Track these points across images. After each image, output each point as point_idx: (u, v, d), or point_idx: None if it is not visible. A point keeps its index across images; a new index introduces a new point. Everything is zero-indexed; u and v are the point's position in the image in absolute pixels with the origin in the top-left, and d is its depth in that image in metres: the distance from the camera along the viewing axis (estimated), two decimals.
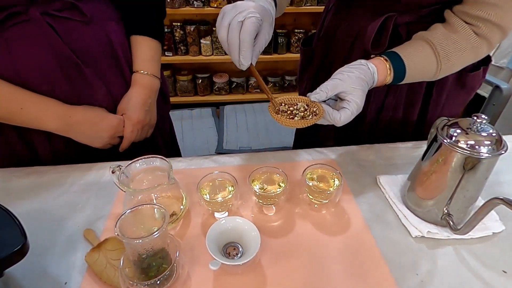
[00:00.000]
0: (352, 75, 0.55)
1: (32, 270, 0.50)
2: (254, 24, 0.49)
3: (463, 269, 0.51)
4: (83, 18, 0.65)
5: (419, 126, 0.84)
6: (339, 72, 0.57)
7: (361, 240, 0.56)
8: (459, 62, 0.62)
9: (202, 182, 0.58)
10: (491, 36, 0.59)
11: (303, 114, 0.56)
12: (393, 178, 0.67)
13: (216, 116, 2.12)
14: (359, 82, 0.55)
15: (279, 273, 0.51)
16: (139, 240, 0.41)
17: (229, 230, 0.51)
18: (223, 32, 0.50)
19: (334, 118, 0.54)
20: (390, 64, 0.60)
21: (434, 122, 0.58)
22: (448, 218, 0.54)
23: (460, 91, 0.78)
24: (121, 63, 0.73)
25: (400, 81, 0.62)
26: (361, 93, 0.55)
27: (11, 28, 0.59)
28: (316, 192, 0.59)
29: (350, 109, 0.54)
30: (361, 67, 0.57)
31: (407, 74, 0.61)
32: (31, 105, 0.63)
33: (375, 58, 0.61)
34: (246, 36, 0.49)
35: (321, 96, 0.54)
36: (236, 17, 0.49)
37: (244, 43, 0.49)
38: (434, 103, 0.79)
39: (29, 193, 0.65)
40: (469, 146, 0.49)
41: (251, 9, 0.49)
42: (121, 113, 0.73)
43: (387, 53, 0.61)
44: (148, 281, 0.44)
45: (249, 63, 0.51)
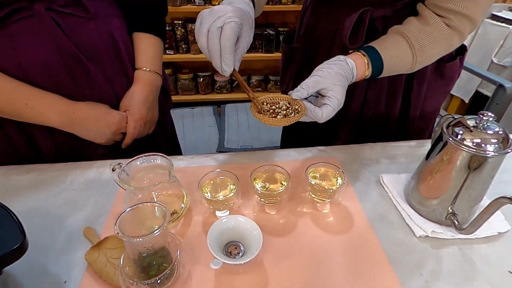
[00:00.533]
0: (331, 71, 0.56)
1: (31, 269, 0.50)
2: (234, 29, 0.48)
3: (468, 269, 0.51)
4: (87, 15, 0.65)
5: (402, 121, 0.85)
6: (319, 69, 0.58)
7: (364, 239, 0.55)
8: (433, 53, 0.64)
9: (203, 180, 0.58)
10: (462, 27, 0.61)
11: (285, 112, 0.56)
12: (397, 177, 0.66)
13: (217, 115, 2.12)
14: (339, 78, 0.56)
15: (281, 272, 0.50)
16: (139, 239, 0.41)
17: (230, 229, 0.51)
18: (202, 39, 0.49)
19: (316, 115, 0.55)
20: (368, 58, 0.61)
21: (439, 121, 0.57)
22: (453, 218, 0.53)
23: (439, 82, 0.80)
24: (124, 60, 0.73)
25: (379, 74, 0.63)
26: (341, 88, 0.56)
27: (15, 23, 0.58)
28: (318, 190, 0.58)
29: (332, 105, 0.55)
30: (340, 63, 0.58)
31: (385, 68, 0.62)
32: (35, 100, 0.62)
33: (353, 54, 0.62)
34: (227, 42, 0.48)
35: (302, 94, 0.55)
36: (215, 23, 0.48)
37: (225, 49, 0.48)
38: (416, 95, 0.80)
39: (28, 190, 0.64)
40: (475, 144, 0.48)
41: (229, 14, 0.48)
42: (124, 109, 0.73)
43: (364, 47, 0.62)
44: (148, 280, 0.43)
45: (231, 69, 0.50)
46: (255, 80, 2.35)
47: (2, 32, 0.58)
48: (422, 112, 0.84)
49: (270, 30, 2.17)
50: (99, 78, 0.69)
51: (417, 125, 0.86)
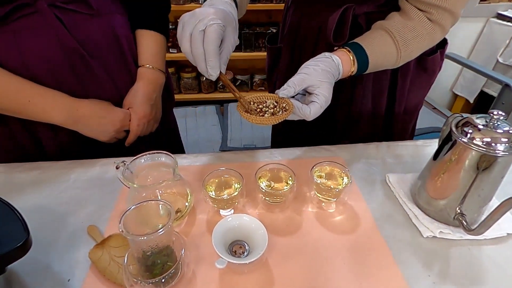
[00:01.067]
0: (317, 69, 0.56)
1: (35, 267, 0.49)
2: (216, 32, 0.46)
3: (477, 270, 0.50)
4: (90, 11, 0.64)
5: (388, 117, 0.85)
6: (305, 66, 0.58)
7: (370, 239, 0.54)
8: (417, 48, 0.64)
9: (207, 179, 0.57)
10: (444, 21, 0.61)
11: (273, 111, 0.56)
12: (403, 177, 0.65)
13: (220, 114, 2.11)
14: (325, 75, 0.56)
15: (286, 272, 0.49)
16: (143, 237, 0.40)
17: (235, 228, 0.50)
18: (185, 43, 0.48)
19: (304, 113, 0.54)
20: (353, 55, 0.61)
21: (447, 120, 0.57)
22: (461, 218, 0.52)
23: (422, 75, 0.80)
24: (127, 57, 0.72)
25: (365, 70, 0.63)
26: (328, 85, 0.56)
27: (18, 20, 0.58)
28: (324, 190, 0.57)
29: (319, 102, 0.54)
30: (326, 59, 0.58)
31: (370, 63, 0.62)
32: (38, 97, 0.62)
33: (339, 50, 0.62)
34: (210, 45, 0.47)
35: (289, 92, 0.55)
36: (197, 26, 0.46)
37: (210, 52, 0.47)
38: (400, 90, 0.80)
39: (32, 188, 0.64)
40: (485, 143, 0.47)
41: (211, 16, 0.47)
42: (127, 107, 0.73)
43: (349, 44, 0.62)
44: (152, 279, 0.43)
45: (217, 73, 0.49)
46: (258, 79, 2.34)
47: (6, 28, 0.58)
48: (406, 107, 0.85)
49: (274, 29, 2.16)
50: (102, 75, 0.68)
51: (402, 119, 0.87)
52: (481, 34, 2.15)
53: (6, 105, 0.62)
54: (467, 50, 2.24)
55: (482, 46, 2.16)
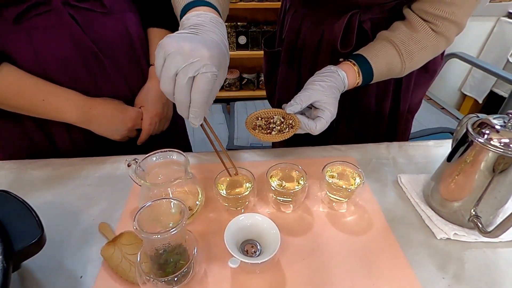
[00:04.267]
0: (324, 84, 0.58)
1: (47, 263, 0.50)
2: (209, 83, 0.40)
3: (493, 273, 0.49)
4: (103, 9, 0.65)
5: (392, 117, 0.85)
6: (311, 82, 0.60)
7: (383, 240, 0.54)
8: (421, 59, 0.65)
9: (218, 177, 0.57)
10: (448, 32, 0.61)
11: (280, 127, 0.58)
12: (415, 177, 0.65)
13: (227, 112, 2.11)
14: (331, 91, 0.58)
15: (298, 272, 0.49)
16: (157, 235, 0.40)
17: (247, 227, 0.50)
18: (167, 85, 0.40)
19: (310, 128, 0.58)
20: (358, 68, 0.62)
21: (461, 120, 0.56)
22: (476, 220, 0.51)
23: (424, 75, 0.81)
24: (139, 55, 0.72)
25: (369, 81, 0.65)
26: (333, 101, 0.58)
27: (33, 18, 0.58)
28: (335, 189, 0.57)
29: (325, 118, 0.57)
30: (332, 74, 0.60)
31: (375, 75, 0.64)
32: (52, 96, 0.63)
33: (344, 63, 0.64)
34: (200, 97, 0.40)
35: (296, 108, 0.57)
36: (185, 69, 0.38)
37: (196, 104, 0.41)
38: (405, 90, 0.81)
39: (43, 185, 0.64)
40: (502, 144, 0.46)
41: (205, 61, 0.39)
42: (139, 106, 0.73)
43: (353, 56, 0.64)
44: (165, 278, 0.43)
45: (201, 122, 0.44)
46: None
47: (20, 27, 0.58)
48: (409, 105, 0.85)
49: None
50: (115, 74, 0.69)
51: (405, 119, 0.87)
52: (491, 33, 2.12)
53: (20, 104, 0.62)
54: (477, 49, 2.21)
55: (492, 46, 2.13)
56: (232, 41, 2.14)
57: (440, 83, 2.29)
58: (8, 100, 0.61)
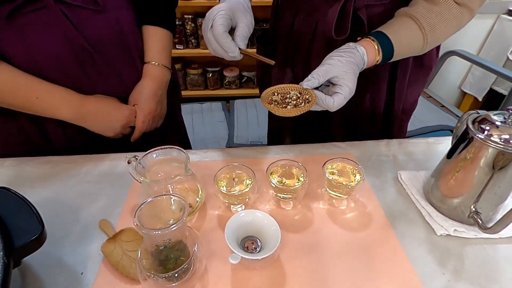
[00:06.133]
0: (342, 59, 0.56)
1: (48, 260, 0.50)
2: (221, 18, 0.53)
3: (492, 269, 0.49)
4: (96, 7, 0.64)
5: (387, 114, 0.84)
6: (329, 57, 0.58)
7: (383, 237, 0.54)
8: (443, 33, 0.62)
9: (219, 174, 0.57)
10: (471, 3, 0.59)
11: (295, 102, 0.56)
12: (415, 174, 0.65)
13: (227, 110, 2.11)
14: (350, 66, 0.56)
15: (298, 269, 0.49)
16: (158, 231, 0.40)
17: (247, 224, 0.50)
18: (210, 48, 0.55)
19: (327, 104, 0.55)
20: (378, 44, 0.60)
21: (461, 117, 0.56)
22: (476, 216, 0.51)
23: (419, 71, 0.79)
24: (133, 53, 0.72)
25: (389, 59, 0.62)
26: (352, 76, 0.56)
27: (26, 15, 0.58)
28: (336, 186, 0.57)
29: (343, 93, 0.55)
30: (351, 50, 0.58)
31: (396, 51, 0.61)
32: (46, 94, 0.63)
33: (363, 40, 0.61)
34: (217, 30, 0.53)
35: (313, 83, 0.55)
36: (207, 26, 0.54)
37: (218, 36, 0.53)
38: (400, 86, 0.79)
39: (43, 182, 0.64)
40: (502, 140, 0.46)
41: (215, 12, 0.54)
42: (133, 103, 0.73)
43: (373, 33, 0.62)
44: (166, 274, 0.43)
45: (236, 50, 0.54)
46: None
47: (13, 24, 0.58)
48: (403, 105, 0.84)
49: None
50: (108, 71, 0.69)
51: (400, 119, 0.85)
52: (491, 31, 2.12)
53: (14, 102, 0.63)
54: (477, 47, 2.21)
55: (492, 43, 2.13)
56: None
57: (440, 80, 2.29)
58: (1, 97, 0.62)
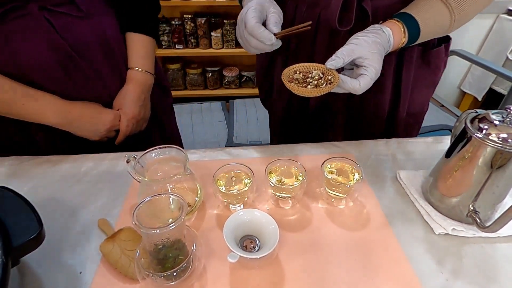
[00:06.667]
0: (368, 39, 0.54)
1: (47, 259, 0.50)
2: (252, 12, 0.53)
3: (491, 268, 0.49)
4: (80, 13, 0.65)
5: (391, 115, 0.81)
6: (354, 37, 0.55)
7: (381, 236, 0.54)
8: (472, 9, 0.60)
9: (218, 173, 0.57)
10: None
11: (317, 82, 0.54)
12: (414, 174, 0.65)
13: (226, 110, 2.11)
14: (376, 46, 0.54)
15: (297, 267, 0.49)
16: (156, 230, 0.40)
17: (246, 223, 0.50)
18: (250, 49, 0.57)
19: (353, 87, 0.53)
20: (403, 24, 0.58)
21: (460, 116, 0.56)
22: (474, 215, 0.51)
23: (426, 70, 0.77)
24: (117, 59, 0.74)
25: (415, 41, 0.60)
26: (378, 57, 0.54)
27: (10, 22, 0.59)
28: (334, 185, 0.57)
29: (369, 75, 0.52)
30: (376, 31, 0.56)
31: (422, 32, 0.59)
32: (32, 101, 0.64)
33: (387, 22, 0.59)
34: (249, 23, 0.53)
35: (337, 63, 0.53)
36: (241, 28, 0.56)
37: (252, 28, 0.53)
38: (405, 85, 0.76)
39: (42, 182, 0.64)
40: (501, 139, 0.46)
41: (245, 10, 0.55)
42: (117, 108, 0.75)
43: (396, 15, 0.60)
44: (164, 273, 0.43)
45: (272, 37, 0.54)
46: None
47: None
48: (410, 107, 0.81)
49: None
50: (92, 77, 0.70)
51: (406, 122, 0.82)
52: (490, 30, 2.12)
53: (1, 108, 0.63)
54: (476, 47, 2.21)
55: (491, 43, 2.13)
56: (231, 39, 2.13)
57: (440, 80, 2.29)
58: None
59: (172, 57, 2.19)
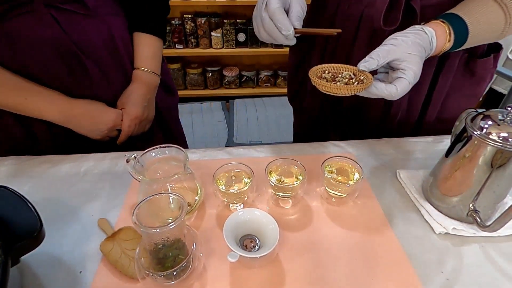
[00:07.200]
0: (407, 40, 0.49)
1: (47, 259, 0.50)
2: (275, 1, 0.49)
3: (491, 267, 0.49)
4: (86, 11, 0.65)
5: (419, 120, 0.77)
6: (392, 37, 0.50)
7: (382, 235, 0.54)
8: None
9: (218, 172, 0.57)
10: None
11: (347, 81, 0.50)
12: (414, 173, 0.65)
13: (226, 110, 2.11)
14: (416, 48, 0.49)
15: (297, 267, 0.49)
16: (156, 230, 0.40)
17: (246, 222, 0.50)
18: (261, 31, 0.52)
19: (390, 92, 0.48)
20: (449, 26, 0.52)
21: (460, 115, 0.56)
22: (474, 215, 0.51)
23: (468, 80, 0.71)
24: (122, 57, 0.73)
25: (461, 45, 0.55)
26: (418, 59, 0.49)
27: (15, 18, 0.59)
28: (334, 185, 0.57)
29: (407, 78, 0.47)
30: (417, 31, 0.51)
31: (471, 35, 0.53)
32: (34, 96, 0.64)
33: (431, 22, 0.54)
34: (272, 5, 0.49)
35: (371, 64, 0.48)
36: (261, 8, 0.51)
37: (275, 15, 0.49)
38: (439, 91, 0.71)
39: (42, 181, 0.64)
40: (501, 138, 0.46)
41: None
42: (121, 107, 0.74)
43: (443, 15, 0.54)
44: (164, 272, 0.43)
45: (291, 28, 0.50)
46: (264, 75, 2.33)
47: (2, 27, 0.59)
48: (442, 115, 0.76)
49: None
50: (97, 75, 0.69)
51: (434, 128, 0.77)
52: None
53: (3, 102, 0.63)
54: None
55: None
56: (232, 39, 2.13)
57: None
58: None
59: (172, 57, 2.19)
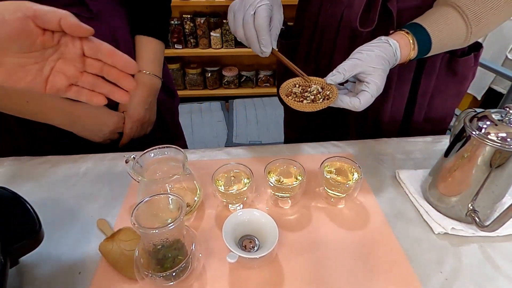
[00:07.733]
0: (372, 54, 0.52)
1: (46, 260, 0.50)
2: (266, 10, 0.50)
3: (489, 267, 0.49)
4: (90, 14, 0.65)
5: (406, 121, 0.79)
6: (358, 51, 0.53)
7: (381, 235, 0.54)
8: (491, 21, 0.56)
9: (217, 173, 0.57)
10: None
11: (314, 97, 0.53)
12: (413, 173, 0.65)
13: (225, 110, 2.11)
14: (380, 61, 0.52)
15: (296, 267, 0.49)
16: (155, 230, 0.40)
17: (245, 223, 0.50)
18: (240, 31, 0.52)
19: (354, 104, 0.51)
20: (413, 37, 0.55)
21: (459, 115, 0.56)
22: (473, 215, 0.51)
23: (451, 80, 0.73)
24: None
25: (426, 54, 0.58)
26: (381, 73, 0.52)
27: None
28: (334, 185, 0.57)
29: (370, 92, 0.51)
30: (382, 44, 0.53)
31: (434, 44, 0.56)
32: (36, 99, 0.64)
33: (396, 33, 0.56)
34: (261, 25, 0.50)
35: (338, 78, 0.51)
36: (247, 11, 0.51)
37: (261, 31, 0.51)
38: (423, 92, 0.73)
39: (41, 182, 0.64)
40: (500, 138, 0.46)
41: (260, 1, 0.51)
42: (122, 110, 0.74)
43: (407, 25, 0.57)
44: (163, 273, 0.43)
45: (270, 49, 0.52)
46: (263, 75, 2.33)
47: None
48: (428, 116, 0.78)
49: None
50: None
51: (421, 129, 0.79)
52: None
53: (5, 105, 0.63)
54: None
55: (491, 42, 2.13)
56: (231, 38, 2.13)
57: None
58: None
59: (171, 57, 2.19)
